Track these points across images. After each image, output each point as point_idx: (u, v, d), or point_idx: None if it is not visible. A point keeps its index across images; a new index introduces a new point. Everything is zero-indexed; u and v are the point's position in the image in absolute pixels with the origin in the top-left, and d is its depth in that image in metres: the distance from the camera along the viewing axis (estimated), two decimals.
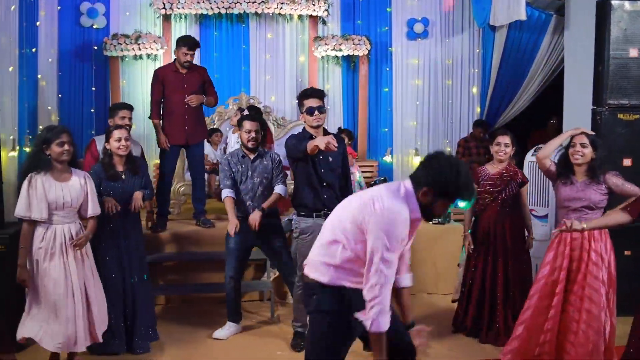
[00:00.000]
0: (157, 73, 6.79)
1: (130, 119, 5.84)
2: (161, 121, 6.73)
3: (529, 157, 6.82)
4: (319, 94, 5.02)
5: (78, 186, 4.55)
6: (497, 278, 5.33)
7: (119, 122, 5.63)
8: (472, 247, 5.45)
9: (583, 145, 4.62)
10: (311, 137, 4.87)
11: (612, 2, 6.05)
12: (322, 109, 4.96)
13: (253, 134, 5.50)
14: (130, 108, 5.95)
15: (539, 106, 9.17)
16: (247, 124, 5.53)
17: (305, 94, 5.04)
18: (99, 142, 5.59)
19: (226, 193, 5.51)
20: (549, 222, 6.59)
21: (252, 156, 5.54)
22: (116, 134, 5.02)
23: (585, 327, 4.47)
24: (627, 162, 5.97)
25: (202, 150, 6.99)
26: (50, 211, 4.42)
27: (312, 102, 4.94)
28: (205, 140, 7.91)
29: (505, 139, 5.36)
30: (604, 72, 6.08)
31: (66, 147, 4.46)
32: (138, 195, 5.07)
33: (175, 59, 6.76)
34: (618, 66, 6.07)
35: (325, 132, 5.07)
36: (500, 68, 9.03)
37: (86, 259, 4.61)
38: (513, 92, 9.07)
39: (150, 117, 6.84)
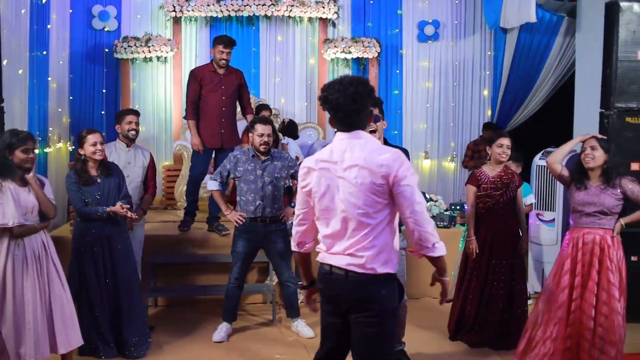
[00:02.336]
0: (195, 72, 6.66)
1: (137, 123, 5.76)
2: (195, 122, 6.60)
3: (537, 161, 6.75)
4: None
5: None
6: (500, 281, 5.29)
7: (126, 127, 5.63)
8: (478, 251, 5.37)
9: (593, 148, 4.55)
10: None
11: (621, 4, 5.94)
12: (376, 119, 4.29)
13: (266, 138, 5.34)
14: (137, 113, 5.88)
15: (551, 109, 9.06)
16: (260, 127, 5.36)
17: None
18: (107, 149, 5.38)
19: (215, 186, 5.56)
20: (556, 226, 6.51)
21: (262, 157, 5.43)
22: (91, 138, 4.86)
23: (602, 332, 4.40)
24: (634, 166, 5.84)
25: None
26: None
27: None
28: None
29: (507, 141, 5.32)
30: (612, 74, 5.98)
31: (31, 155, 4.23)
32: (117, 208, 4.83)
33: (212, 59, 6.67)
34: (626, 69, 5.95)
35: (385, 142, 4.54)
36: (512, 70, 8.97)
37: (52, 267, 4.36)
38: (524, 95, 9.00)
39: (185, 117, 6.78)
